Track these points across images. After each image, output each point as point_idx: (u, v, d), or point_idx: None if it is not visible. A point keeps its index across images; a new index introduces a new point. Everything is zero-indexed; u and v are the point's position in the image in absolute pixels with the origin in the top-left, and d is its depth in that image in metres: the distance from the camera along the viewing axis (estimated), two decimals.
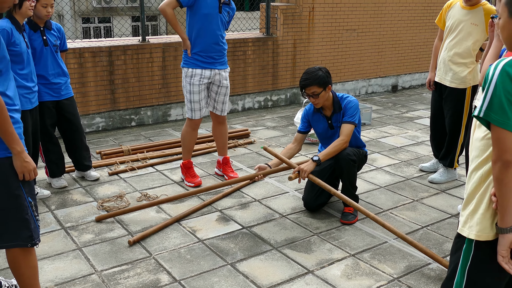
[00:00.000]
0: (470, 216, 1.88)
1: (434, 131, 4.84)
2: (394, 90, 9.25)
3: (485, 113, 1.71)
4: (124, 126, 6.55)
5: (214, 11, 4.30)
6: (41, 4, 3.98)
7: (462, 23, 4.32)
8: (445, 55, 4.47)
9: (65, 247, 3.46)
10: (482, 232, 1.85)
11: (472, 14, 4.27)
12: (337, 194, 3.64)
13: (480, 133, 1.87)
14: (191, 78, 4.41)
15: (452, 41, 4.40)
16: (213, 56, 4.40)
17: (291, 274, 3.16)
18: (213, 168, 5.02)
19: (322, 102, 3.87)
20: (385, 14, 8.65)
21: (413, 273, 3.18)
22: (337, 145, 3.79)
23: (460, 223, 1.93)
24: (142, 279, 3.08)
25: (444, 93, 4.57)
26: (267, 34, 7.63)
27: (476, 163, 1.87)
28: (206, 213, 4.03)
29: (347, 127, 3.84)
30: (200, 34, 4.32)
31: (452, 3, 4.48)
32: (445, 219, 3.97)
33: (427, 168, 5.01)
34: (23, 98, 3.70)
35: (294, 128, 6.54)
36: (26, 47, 3.69)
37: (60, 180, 4.49)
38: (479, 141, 1.87)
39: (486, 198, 1.84)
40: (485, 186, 1.84)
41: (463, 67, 4.38)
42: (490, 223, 1.84)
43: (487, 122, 1.74)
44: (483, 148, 1.85)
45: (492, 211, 1.83)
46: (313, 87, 3.78)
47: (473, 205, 1.88)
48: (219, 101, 4.61)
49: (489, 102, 1.70)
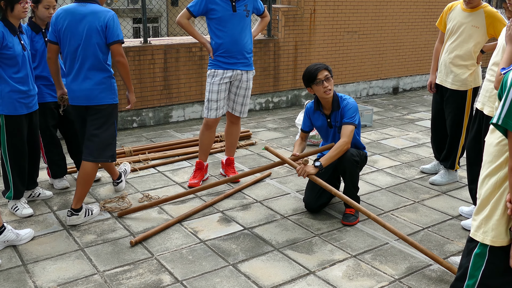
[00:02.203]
0: (485, 221, 1.88)
1: (435, 133, 4.85)
2: (395, 92, 9.26)
3: (504, 121, 1.71)
4: (126, 127, 6.56)
5: (228, 13, 4.32)
6: (44, 5, 3.99)
7: (463, 26, 4.32)
8: (446, 58, 4.47)
9: (68, 248, 3.47)
10: (497, 237, 1.85)
11: (473, 17, 4.28)
12: (339, 194, 3.64)
13: (494, 139, 1.87)
14: (212, 77, 4.44)
15: (453, 44, 4.41)
16: (235, 56, 4.43)
17: (293, 275, 3.17)
18: (215, 170, 5.03)
19: (332, 91, 3.89)
20: (386, 17, 8.66)
21: (414, 274, 3.19)
22: (339, 147, 3.79)
23: (473, 228, 1.93)
24: (144, 279, 3.09)
25: (445, 95, 4.58)
26: (268, 36, 7.65)
27: (490, 168, 1.87)
28: (207, 214, 4.04)
29: (348, 128, 3.84)
30: (219, 37, 4.37)
31: (453, 6, 4.49)
32: (446, 220, 3.98)
33: (428, 170, 5.02)
34: (17, 103, 3.64)
35: (295, 130, 6.56)
36: (22, 50, 3.66)
37: (62, 181, 4.50)
38: (493, 147, 1.87)
39: (502, 204, 1.84)
40: (500, 192, 1.84)
41: (464, 69, 4.38)
42: (505, 229, 1.84)
43: (504, 130, 1.74)
44: (497, 154, 1.85)
45: (508, 217, 1.83)
46: (324, 70, 3.84)
47: (487, 210, 1.88)
48: (238, 102, 4.62)
49: (508, 109, 1.70)
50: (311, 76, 3.84)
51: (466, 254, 1.98)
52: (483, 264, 1.89)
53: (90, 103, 3.74)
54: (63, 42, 3.70)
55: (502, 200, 1.83)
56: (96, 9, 3.64)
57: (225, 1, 4.31)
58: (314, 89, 3.89)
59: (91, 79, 3.70)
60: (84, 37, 3.61)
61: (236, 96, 4.59)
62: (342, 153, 3.81)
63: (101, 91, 3.73)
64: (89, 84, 3.70)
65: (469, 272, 1.94)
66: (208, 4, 4.30)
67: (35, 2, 3.99)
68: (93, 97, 3.72)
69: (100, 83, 3.72)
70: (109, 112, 3.80)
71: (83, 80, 3.70)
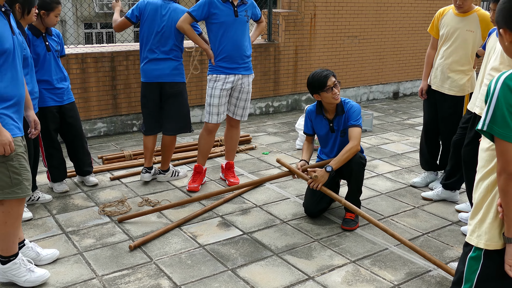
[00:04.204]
0: (478, 225, 1.89)
1: (429, 141, 4.72)
2: (395, 97, 9.27)
3: (489, 126, 1.73)
4: (126, 131, 6.56)
5: (230, 18, 4.33)
6: (55, 14, 4.09)
7: (457, 31, 4.29)
8: (442, 63, 4.42)
9: (66, 252, 3.46)
10: (491, 241, 1.86)
11: (467, 21, 4.26)
12: (347, 204, 3.66)
13: (485, 144, 1.89)
14: (214, 82, 4.44)
15: (448, 49, 4.37)
16: (236, 61, 4.43)
17: (292, 280, 3.16)
18: (214, 174, 5.03)
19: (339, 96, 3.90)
20: (386, 21, 8.67)
21: (414, 280, 3.18)
22: (349, 149, 3.78)
23: (468, 232, 1.94)
24: (142, 284, 3.08)
25: (440, 101, 4.52)
26: (269, 40, 7.66)
27: (482, 173, 1.89)
28: (207, 218, 4.03)
29: (356, 131, 3.84)
30: (221, 42, 4.36)
31: (445, 11, 4.45)
32: (446, 226, 3.97)
33: (419, 184, 4.77)
34: None
35: (295, 134, 6.55)
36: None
37: (61, 184, 4.50)
38: (484, 152, 1.89)
39: (494, 208, 1.85)
40: (492, 196, 1.85)
41: (462, 74, 4.36)
42: (498, 232, 1.85)
43: (490, 135, 1.75)
44: (488, 159, 1.86)
45: (500, 220, 1.84)
46: (332, 77, 3.84)
47: (480, 214, 1.89)
48: (240, 106, 4.63)
49: (492, 115, 1.72)
50: (321, 83, 3.81)
51: (462, 258, 1.98)
52: (478, 267, 1.90)
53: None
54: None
55: (494, 203, 1.84)
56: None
57: (228, 6, 4.32)
58: (322, 96, 3.86)
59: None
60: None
61: (238, 100, 4.59)
62: (352, 155, 3.81)
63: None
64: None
65: (465, 276, 1.94)
66: (210, 9, 4.30)
67: (47, 10, 4.04)
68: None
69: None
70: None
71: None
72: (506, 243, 1.82)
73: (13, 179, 2.77)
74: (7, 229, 2.87)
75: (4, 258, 2.95)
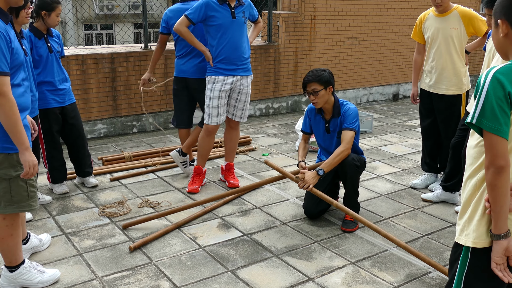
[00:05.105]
0: (467, 224, 1.89)
1: (430, 143, 4.71)
2: (395, 99, 9.27)
3: (478, 120, 1.74)
4: (126, 132, 6.57)
5: (227, 20, 4.33)
6: (56, 14, 4.08)
7: (442, 30, 4.32)
8: (435, 65, 4.42)
9: (66, 253, 3.47)
10: (478, 239, 1.85)
11: (449, 19, 4.30)
12: (339, 206, 3.65)
13: (473, 141, 1.89)
14: (213, 84, 4.44)
15: (438, 50, 4.38)
16: (235, 63, 4.43)
17: (292, 281, 3.16)
18: (215, 175, 5.03)
19: (322, 102, 3.86)
20: (386, 23, 8.68)
21: (414, 282, 3.18)
22: (340, 153, 3.79)
23: (457, 232, 1.94)
24: (142, 285, 3.09)
25: (437, 102, 4.51)
26: (269, 41, 7.66)
27: (470, 171, 1.89)
28: (207, 219, 4.04)
29: (348, 134, 3.84)
30: (219, 44, 4.36)
31: (425, 15, 4.48)
32: (446, 227, 3.98)
33: (419, 185, 4.76)
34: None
35: (295, 136, 6.56)
36: (24, 55, 3.68)
37: (61, 186, 4.50)
38: (472, 149, 1.89)
39: (481, 205, 1.85)
40: (480, 194, 1.85)
41: (457, 71, 4.37)
42: (486, 230, 1.85)
43: (479, 129, 1.76)
44: (476, 156, 1.86)
45: (488, 218, 1.83)
46: (313, 83, 3.80)
47: (468, 212, 1.89)
48: (239, 107, 4.64)
49: (481, 109, 1.73)
50: (303, 85, 3.89)
51: (454, 260, 1.97)
52: (466, 266, 1.89)
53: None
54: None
55: (482, 201, 1.84)
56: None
57: (225, 8, 4.32)
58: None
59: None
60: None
61: (237, 102, 4.60)
62: (343, 158, 3.81)
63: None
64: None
65: (456, 276, 1.93)
66: (208, 11, 4.30)
67: (49, 10, 4.04)
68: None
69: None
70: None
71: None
72: (492, 240, 1.81)
73: (30, 192, 2.83)
74: (14, 240, 2.90)
75: (12, 267, 2.98)
